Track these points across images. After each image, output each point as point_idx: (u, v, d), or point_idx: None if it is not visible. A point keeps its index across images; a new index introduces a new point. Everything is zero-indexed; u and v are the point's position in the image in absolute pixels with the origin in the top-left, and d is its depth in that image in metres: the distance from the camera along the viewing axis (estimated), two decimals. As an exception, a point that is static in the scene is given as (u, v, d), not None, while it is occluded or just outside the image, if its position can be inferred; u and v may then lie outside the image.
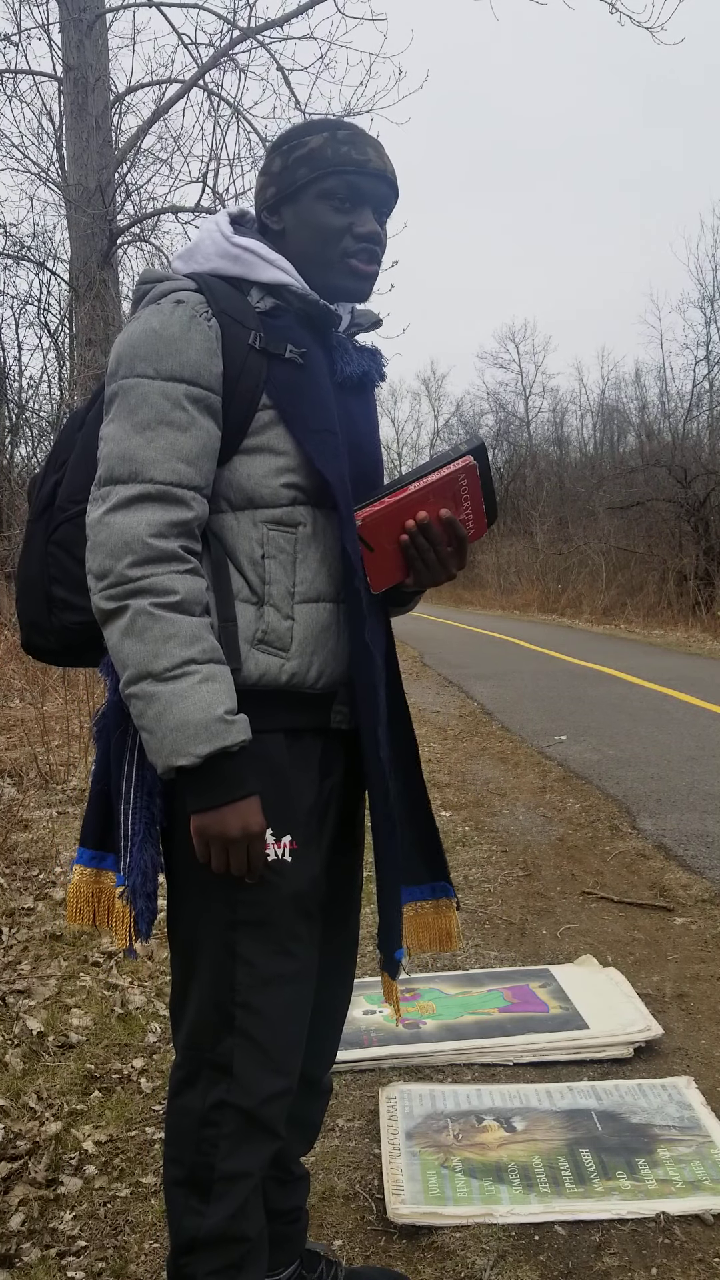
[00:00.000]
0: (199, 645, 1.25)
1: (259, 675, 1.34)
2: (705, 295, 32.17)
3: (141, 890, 1.36)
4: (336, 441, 1.38)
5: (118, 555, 1.25)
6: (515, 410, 39.69)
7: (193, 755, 1.23)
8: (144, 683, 1.24)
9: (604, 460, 30.20)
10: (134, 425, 1.29)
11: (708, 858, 4.07)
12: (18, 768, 5.58)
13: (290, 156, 1.41)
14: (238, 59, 8.35)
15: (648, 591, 19.80)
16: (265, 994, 1.36)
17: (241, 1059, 1.36)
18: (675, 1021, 2.68)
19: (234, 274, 1.39)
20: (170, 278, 1.38)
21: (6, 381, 14.64)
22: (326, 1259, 1.70)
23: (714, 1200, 1.92)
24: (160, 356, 1.30)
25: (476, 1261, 1.79)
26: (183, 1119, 1.39)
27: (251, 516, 1.35)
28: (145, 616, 1.24)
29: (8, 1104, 2.32)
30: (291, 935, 1.38)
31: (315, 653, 1.38)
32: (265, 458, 1.35)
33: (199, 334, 1.31)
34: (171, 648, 1.24)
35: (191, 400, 1.30)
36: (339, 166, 1.39)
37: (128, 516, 1.26)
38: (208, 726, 1.23)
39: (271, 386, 1.35)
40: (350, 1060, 2.48)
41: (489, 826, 4.71)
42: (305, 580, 1.37)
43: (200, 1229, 1.37)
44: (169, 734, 1.23)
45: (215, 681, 1.25)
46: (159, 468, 1.27)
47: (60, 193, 8.95)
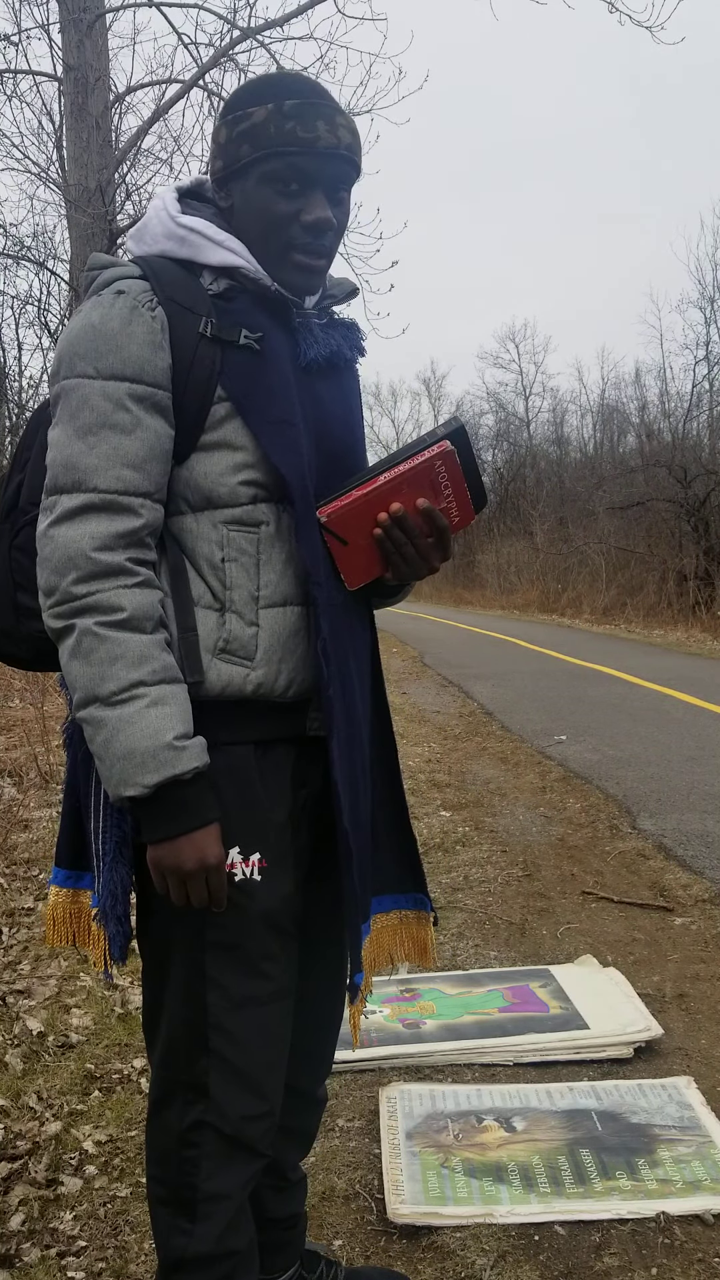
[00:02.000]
0: (148, 666, 1.18)
1: (223, 686, 1.27)
2: (705, 295, 32.14)
3: (113, 913, 1.31)
4: (295, 433, 1.29)
5: (62, 571, 1.19)
6: (515, 410, 39.72)
7: (140, 785, 1.17)
8: (91, 707, 1.18)
9: (604, 460, 30.18)
10: (76, 430, 1.21)
11: (708, 858, 4.07)
12: (18, 768, 5.58)
13: (235, 129, 1.28)
14: (238, 59, 8.35)
15: (648, 591, 19.79)
16: (238, 1016, 1.30)
17: (218, 1080, 1.30)
18: (675, 1021, 2.68)
19: (182, 256, 1.30)
20: (116, 263, 1.30)
21: (6, 381, 14.64)
22: (326, 1259, 1.70)
23: (714, 1200, 1.92)
24: (100, 354, 1.21)
25: (476, 1261, 1.79)
26: (161, 1138, 1.35)
27: (211, 517, 1.27)
28: (90, 637, 1.17)
29: (8, 1104, 2.32)
30: (264, 955, 1.31)
31: (283, 660, 1.30)
32: (223, 454, 1.27)
33: (141, 326, 1.23)
34: (118, 670, 1.17)
35: (135, 399, 1.22)
36: (283, 147, 1.25)
37: (71, 529, 1.19)
38: (155, 755, 1.16)
39: (226, 377, 1.26)
40: (350, 1060, 2.48)
41: (489, 826, 4.71)
42: (270, 583, 1.29)
43: (188, 1249, 1.32)
44: (116, 762, 1.17)
45: (164, 705, 1.18)
46: (102, 475, 1.20)
47: (60, 193, 8.95)
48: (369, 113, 8.49)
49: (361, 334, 1.43)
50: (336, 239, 1.34)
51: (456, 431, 1.33)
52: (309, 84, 1.31)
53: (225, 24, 8.20)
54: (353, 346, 1.40)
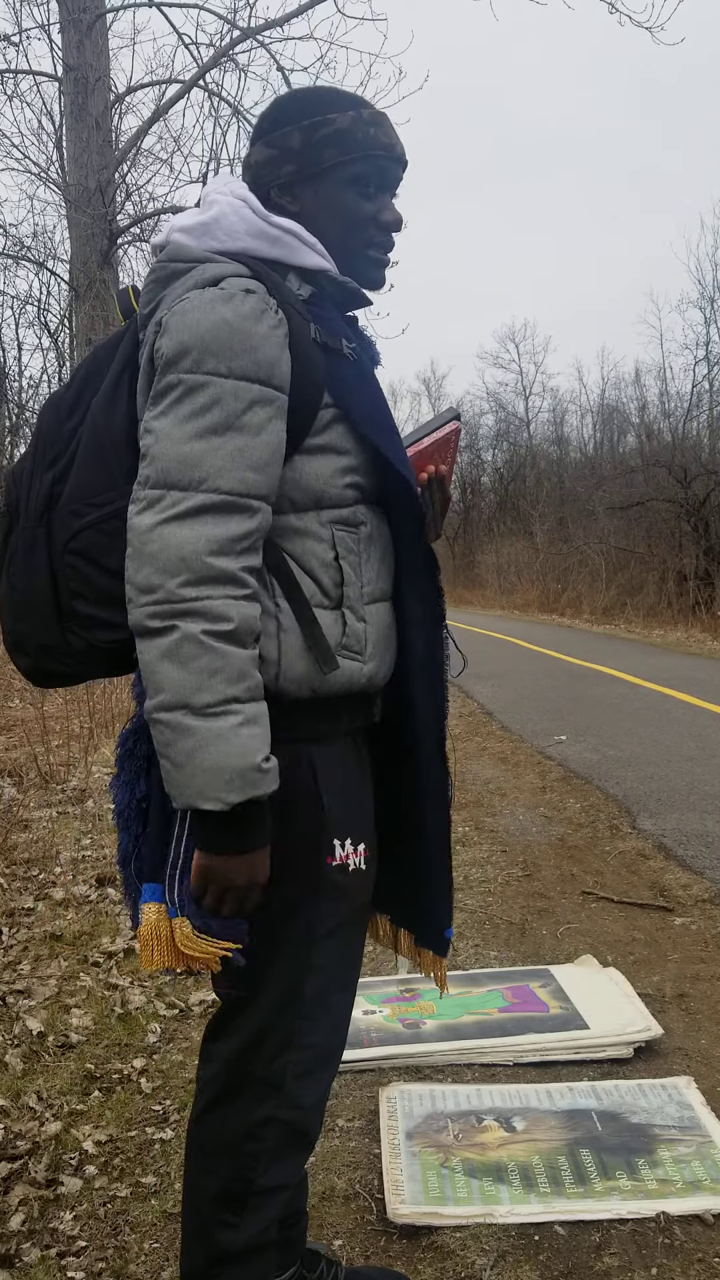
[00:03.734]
0: (245, 683, 1.16)
1: (347, 680, 1.29)
2: (705, 295, 32.23)
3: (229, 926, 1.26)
4: (398, 439, 1.35)
5: (170, 571, 1.14)
6: (515, 410, 39.72)
7: (221, 801, 1.15)
8: (178, 713, 1.15)
9: (604, 460, 30.18)
10: (200, 428, 1.17)
11: (708, 858, 4.07)
12: (18, 768, 5.58)
13: (314, 134, 1.32)
14: (238, 59, 8.36)
15: (648, 591, 19.78)
16: (332, 1001, 1.37)
17: (295, 1072, 1.35)
18: (675, 1021, 2.68)
19: (272, 256, 1.29)
20: (213, 259, 1.25)
21: (6, 381, 14.63)
22: (327, 1259, 1.70)
23: (714, 1200, 1.92)
24: (234, 353, 1.18)
25: (476, 1261, 1.79)
26: (223, 1133, 1.36)
27: (318, 517, 1.29)
28: (193, 643, 1.14)
29: (8, 1104, 2.32)
30: (360, 940, 1.40)
31: (385, 652, 1.35)
32: (330, 458, 1.28)
33: (271, 328, 1.21)
34: (217, 682, 1.14)
35: (264, 402, 1.20)
36: (370, 151, 1.33)
37: (184, 529, 1.15)
38: (244, 774, 1.15)
39: (332, 383, 1.28)
40: (350, 1060, 2.47)
41: (489, 826, 4.71)
42: (371, 580, 1.33)
43: (235, 1243, 1.35)
44: (199, 774, 1.15)
45: (256, 725, 1.17)
46: (226, 476, 1.17)
47: (60, 193, 8.95)
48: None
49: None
50: None
51: (459, 415, 1.52)
52: (369, 102, 1.41)
53: (225, 24, 8.21)
54: (377, 353, 1.46)
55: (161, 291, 1.26)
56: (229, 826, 1.18)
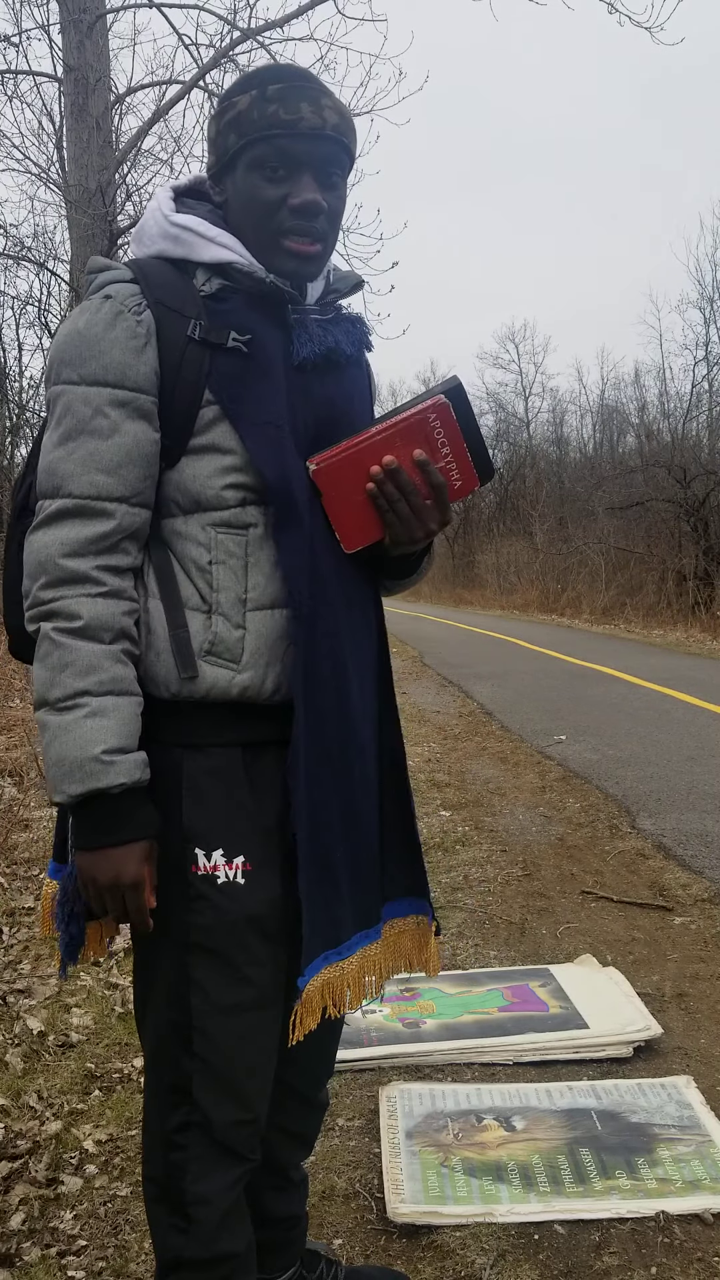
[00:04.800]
0: (95, 676, 1.19)
1: (208, 688, 1.26)
2: (704, 295, 32.17)
3: (58, 914, 1.33)
4: (281, 435, 1.27)
5: (34, 576, 1.22)
6: (515, 411, 39.70)
7: (65, 794, 1.19)
8: (41, 710, 1.21)
9: (604, 460, 30.17)
10: (59, 436, 1.23)
11: (707, 857, 4.08)
12: (18, 767, 5.58)
13: (221, 120, 1.29)
14: (238, 60, 8.35)
15: (647, 591, 19.79)
16: (220, 1021, 1.29)
17: (200, 1084, 1.30)
18: (675, 1021, 2.69)
19: (177, 255, 1.30)
20: (111, 266, 1.29)
21: (6, 381, 14.63)
22: (326, 1258, 1.70)
23: (714, 1199, 1.92)
24: (83, 360, 1.22)
25: (476, 1261, 1.79)
26: (150, 1138, 1.36)
27: (199, 520, 1.27)
28: (48, 642, 1.20)
29: (8, 1103, 2.32)
30: (247, 960, 1.29)
31: (270, 663, 1.28)
32: (211, 457, 1.26)
33: (124, 331, 1.22)
34: (66, 677, 1.19)
35: (116, 405, 1.22)
36: (266, 130, 1.24)
37: (46, 534, 1.22)
38: (82, 765, 1.17)
39: (214, 380, 1.25)
40: (350, 1060, 2.48)
41: (489, 826, 4.71)
42: (258, 586, 1.27)
43: (185, 1248, 1.32)
44: (51, 767, 1.19)
45: (103, 717, 1.18)
46: (77, 480, 1.21)
47: (60, 193, 8.95)
48: (369, 113, 8.48)
49: (367, 328, 1.39)
50: (331, 224, 1.31)
51: (454, 389, 1.29)
52: (294, 70, 1.29)
53: (225, 25, 8.20)
54: (354, 342, 1.37)
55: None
56: (85, 820, 1.21)
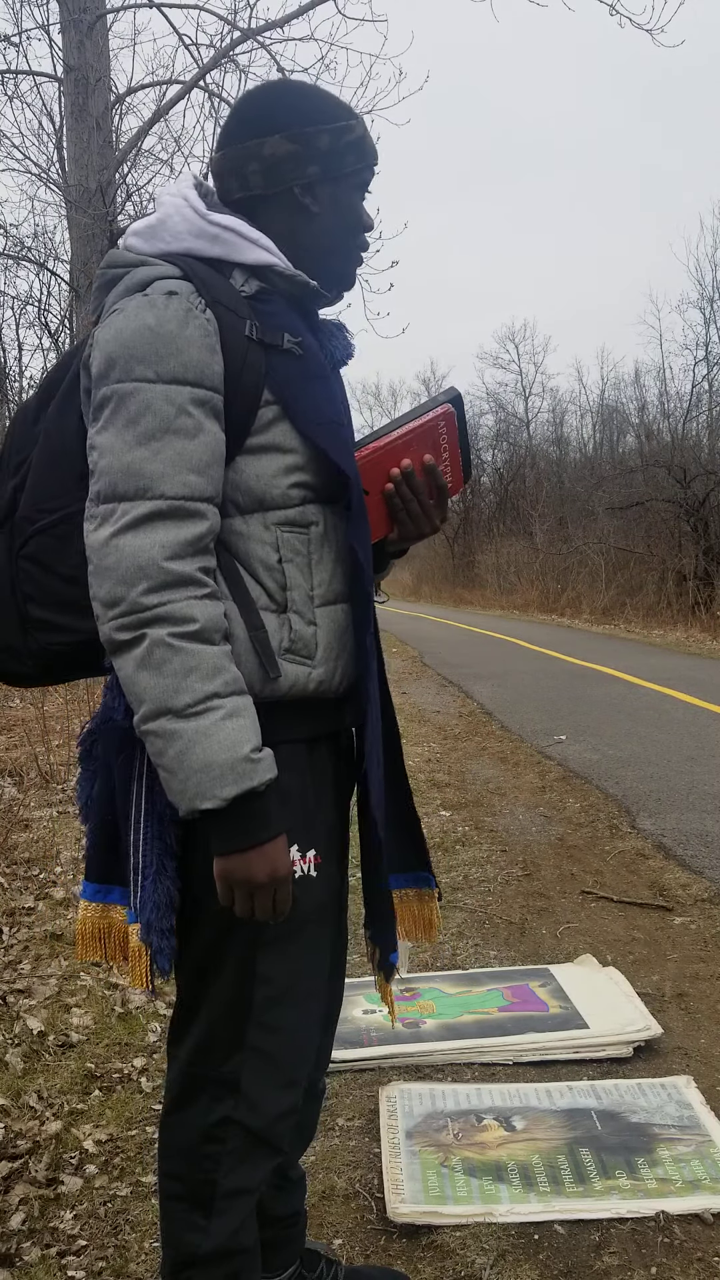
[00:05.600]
0: (221, 678, 1.17)
1: (289, 686, 1.28)
2: (705, 295, 32.17)
3: (158, 926, 1.27)
4: (347, 434, 1.32)
5: (130, 581, 1.16)
6: (515, 410, 39.69)
7: (217, 798, 1.15)
8: (162, 719, 1.16)
9: (604, 460, 30.16)
10: (136, 436, 1.18)
11: (707, 857, 4.08)
12: (18, 768, 5.58)
13: (341, 139, 1.35)
14: (238, 60, 8.35)
15: (647, 591, 19.78)
16: (282, 1010, 1.33)
17: (250, 1076, 1.33)
18: (675, 1021, 2.69)
19: (213, 255, 1.28)
20: (147, 262, 1.26)
21: (6, 381, 14.64)
22: (326, 1258, 1.70)
23: (713, 1199, 1.92)
24: (160, 357, 1.19)
25: (476, 1260, 1.79)
26: (181, 1134, 1.36)
27: (262, 519, 1.28)
28: (163, 648, 1.15)
29: (8, 1103, 2.32)
30: (313, 948, 1.35)
31: (339, 656, 1.32)
32: (272, 456, 1.27)
33: (197, 329, 1.21)
34: (193, 682, 1.15)
35: (197, 404, 1.20)
36: (374, 161, 1.39)
37: (139, 538, 1.16)
38: (234, 767, 1.15)
39: (272, 380, 1.26)
40: (350, 1060, 2.48)
41: (489, 826, 4.71)
42: (323, 582, 1.31)
43: (203, 1245, 1.34)
44: (192, 775, 1.15)
45: (240, 717, 1.18)
46: (169, 481, 1.18)
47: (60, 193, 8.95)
48: (370, 113, 8.49)
49: (350, 334, 1.47)
50: None
51: (456, 399, 1.43)
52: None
53: (226, 25, 8.20)
54: (348, 347, 1.45)
55: (104, 297, 1.28)
56: (232, 823, 1.18)
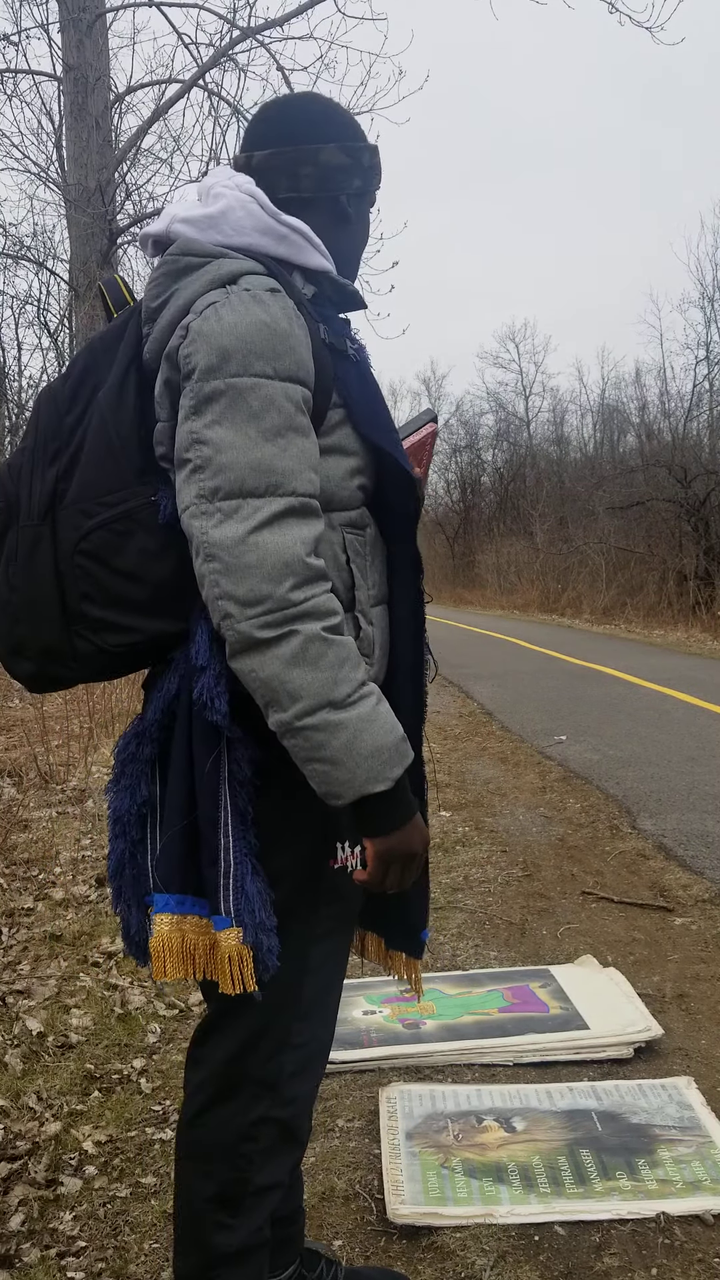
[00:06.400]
0: (362, 667, 1.20)
1: None
2: (705, 295, 32.29)
3: (267, 925, 1.23)
4: (399, 439, 1.35)
5: (277, 579, 1.13)
6: (515, 410, 39.72)
7: (389, 780, 1.18)
8: (323, 712, 1.15)
9: (604, 460, 30.18)
10: (261, 432, 1.16)
11: (708, 858, 4.07)
12: (18, 768, 5.58)
13: (374, 159, 1.42)
14: (238, 59, 8.36)
15: (648, 591, 19.78)
16: (322, 1004, 1.39)
17: (291, 1070, 1.36)
18: (675, 1022, 2.68)
19: (279, 254, 1.27)
20: (227, 255, 1.23)
21: (6, 381, 14.63)
22: (326, 1259, 1.70)
23: (714, 1200, 1.92)
24: (278, 354, 1.17)
25: (476, 1262, 1.79)
26: (216, 1134, 1.36)
27: (330, 520, 1.27)
28: (319, 642, 1.15)
29: (8, 1104, 2.32)
30: (347, 939, 1.41)
31: (383, 655, 1.35)
32: (338, 459, 1.27)
33: (301, 329, 1.21)
34: (348, 671, 1.17)
35: (305, 403, 1.21)
36: (380, 183, 1.45)
37: (279, 535, 1.14)
38: (397, 748, 1.19)
39: (339, 384, 1.27)
40: (350, 1060, 2.48)
41: (489, 826, 4.71)
42: (376, 584, 1.33)
43: (230, 1244, 1.36)
44: (363, 762, 1.16)
45: (384, 701, 1.21)
46: (299, 478, 1.17)
47: (60, 192, 8.95)
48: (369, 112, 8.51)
49: None
50: None
51: (435, 418, 1.54)
52: None
53: (225, 24, 8.20)
54: None
55: (173, 285, 1.23)
56: (393, 802, 1.21)
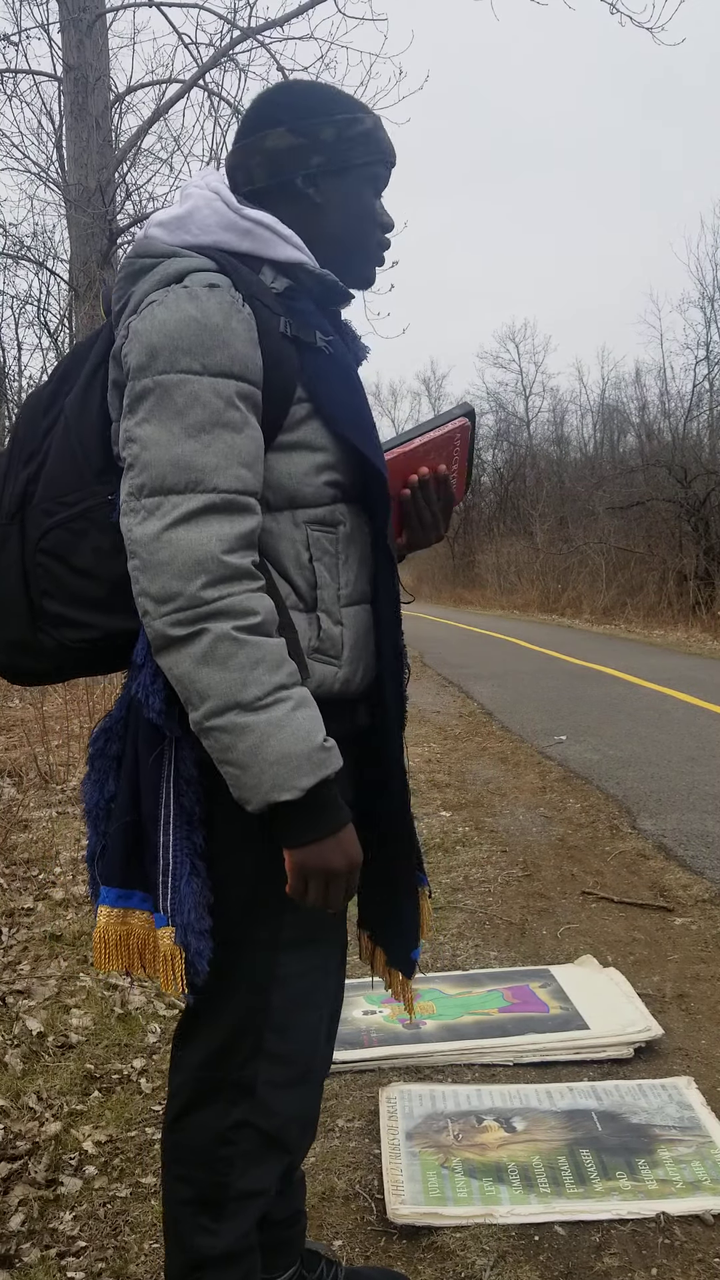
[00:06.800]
0: (285, 669, 1.16)
1: (315, 686, 1.26)
2: (705, 295, 32.32)
3: (196, 928, 1.24)
4: (374, 434, 1.32)
5: (188, 576, 1.13)
6: (515, 410, 39.68)
7: (296, 789, 1.14)
8: (230, 714, 1.14)
9: (604, 460, 30.17)
10: (185, 428, 1.16)
11: (708, 858, 4.07)
12: (18, 768, 5.58)
13: (348, 130, 1.34)
14: (238, 59, 8.36)
15: (648, 591, 19.78)
16: (298, 1016, 1.33)
17: (266, 1081, 1.33)
18: (675, 1022, 2.68)
19: (243, 249, 1.27)
20: (179, 253, 1.24)
21: (6, 381, 14.64)
22: (326, 1259, 1.70)
23: (714, 1200, 1.92)
24: (207, 349, 1.17)
25: (476, 1262, 1.79)
26: (195, 1137, 1.35)
27: (293, 517, 1.27)
28: (229, 642, 1.13)
29: (8, 1104, 2.32)
30: (330, 951, 1.36)
31: (360, 657, 1.32)
32: (303, 454, 1.26)
33: (241, 323, 1.20)
34: (260, 674, 1.14)
35: (242, 398, 1.19)
36: (387, 155, 1.38)
37: (194, 531, 1.14)
38: (310, 756, 1.15)
39: (305, 378, 1.26)
40: (350, 1060, 2.47)
41: (489, 826, 4.71)
42: (349, 582, 1.31)
43: (214, 1248, 1.34)
44: (268, 768, 1.14)
45: (308, 706, 1.17)
46: (222, 475, 1.16)
47: (60, 192, 8.95)
48: (369, 112, 8.49)
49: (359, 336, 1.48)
50: None
51: (471, 414, 1.45)
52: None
53: (225, 24, 8.20)
54: (364, 349, 1.45)
55: (130, 288, 1.25)
56: (308, 813, 1.18)
